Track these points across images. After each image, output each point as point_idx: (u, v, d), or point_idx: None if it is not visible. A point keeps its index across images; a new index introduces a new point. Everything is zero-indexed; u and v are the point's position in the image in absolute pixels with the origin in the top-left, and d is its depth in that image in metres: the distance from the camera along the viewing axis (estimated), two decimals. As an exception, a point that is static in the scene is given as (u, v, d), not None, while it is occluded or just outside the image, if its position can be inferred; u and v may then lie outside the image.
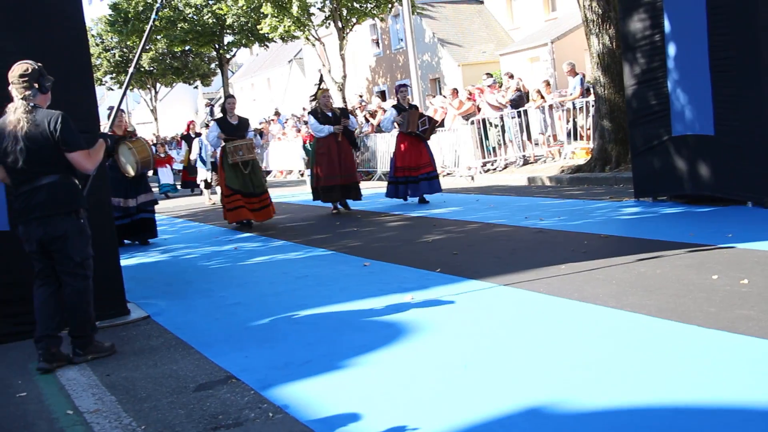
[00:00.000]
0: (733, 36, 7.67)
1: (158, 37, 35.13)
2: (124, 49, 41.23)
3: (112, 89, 45.41)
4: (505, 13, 33.36)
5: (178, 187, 22.18)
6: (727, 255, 5.90)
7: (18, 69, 4.65)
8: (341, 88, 28.26)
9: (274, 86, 47.09)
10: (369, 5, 28.23)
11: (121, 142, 9.74)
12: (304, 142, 16.36)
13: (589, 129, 14.55)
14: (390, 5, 28.53)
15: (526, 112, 15.67)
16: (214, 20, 34.44)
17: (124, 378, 4.51)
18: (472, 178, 15.65)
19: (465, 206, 10.96)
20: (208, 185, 16.36)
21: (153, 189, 11.28)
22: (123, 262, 6.62)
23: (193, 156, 17.22)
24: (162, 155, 20.70)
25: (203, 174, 16.57)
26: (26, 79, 4.63)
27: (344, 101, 27.40)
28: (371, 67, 37.54)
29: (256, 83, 50.89)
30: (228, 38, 37.13)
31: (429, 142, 12.25)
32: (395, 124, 11.89)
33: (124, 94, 5.03)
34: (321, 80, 12.32)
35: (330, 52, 29.71)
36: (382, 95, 25.21)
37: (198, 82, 46.34)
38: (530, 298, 5.34)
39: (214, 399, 3.97)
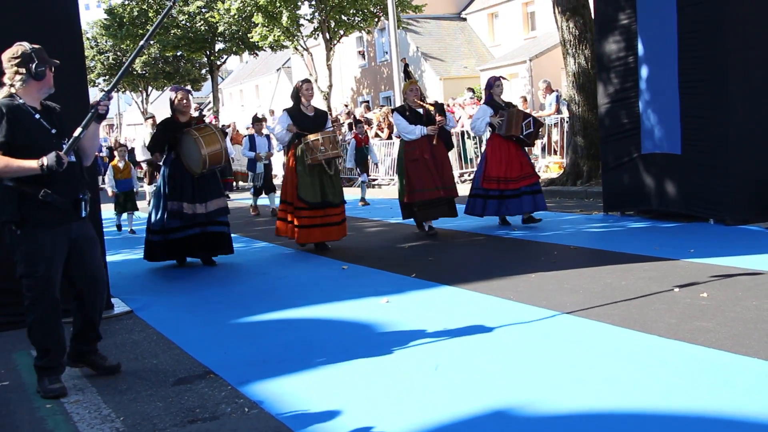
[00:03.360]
0: (702, 60, 7.95)
1: (151, 42, 35.18)
2: (118, 53, 41.24)
3: (104, 91, 45.38)
4: (486, 31, 33.82)
5: None
6: (689, 269, 6.10)
7: (9, 51, 4.13)
8: (327, 97, 28.57)
9: (262, 93, 47.20)
10: (356, 18, 28.56)
11: (184, 130, 7.74)
12: (359, 145, 13.91)
13: (562, 144, 14.84)
14: (376, 19, 28.85)
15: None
16: (206, 27, 34.60)
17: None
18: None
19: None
20: (258, 191, 13.50)
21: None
22: (108, 258, 6.70)
23: (243, 154, 14.16)
24: None
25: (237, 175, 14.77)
26: (16, 62, 4.09)
27: (329, 110, 27.60)
28: (356, 78, 37.79)
29: (244, 90, 51.10)
30: (219, 45, 37.27)
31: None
32: (489, 125, 9.22)
33: (119, 81, 4.54)
34: (407, 69, 9.61)
35: (317, 63, 30.02)
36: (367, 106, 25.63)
37: (188, 87, 46.26)
38: (500, 305, 5.50)
39: (192, 393, 4.07)
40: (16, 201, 4.05)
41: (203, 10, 34.09)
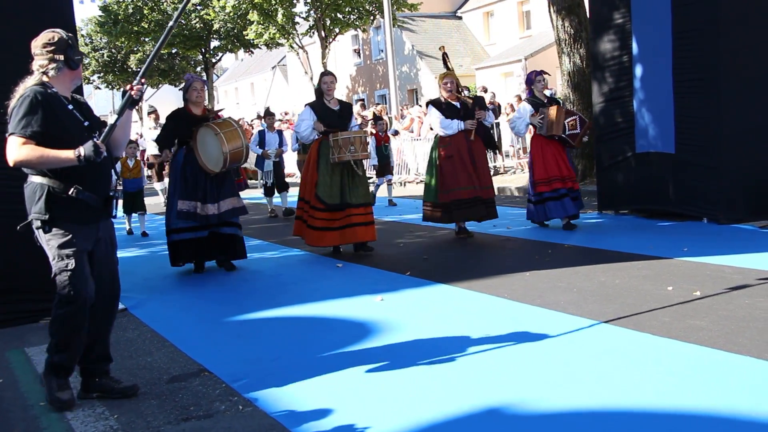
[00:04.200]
0: (697, 60, 7.98)
1: (146, 39, 35.20)
2: (113, 50, 41.21)
3: (99, 88, 45.45)
4: (481, 29, 33.87)
5: None
6: (682, 267, 6.13)
7: (42, 38, 3.85)
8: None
9: (257, 91, 47.21)
10: (352, 17, 28.61)
11: (202, 124, 7.12)
12: (378, 144, 12.80)
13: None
14: (372, 17, 28.89)
15: (498, 124, 15.98)
16: (202, 25, 34.61)
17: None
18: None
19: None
20: (269, 191, 12.45)
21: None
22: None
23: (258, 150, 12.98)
24: None
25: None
26: (51, 48, 3.83)
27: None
28: (352, 76, 37.80)
29: (240, 87, 51.10)
30: (214, 43, 37.28)
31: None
32: (531, 124, 8.59)
33: (144, 73, 3.99)
34: (445, 58, 8.71)
35: (313, 60, 30.05)
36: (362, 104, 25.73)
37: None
38: (495, 303, 5.51)
39: (186, 391, 4.08)
40: (45, 199, 3.80)
41: (198, 7, 34.10)
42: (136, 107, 4.09)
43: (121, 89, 3.96)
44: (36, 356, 4.92)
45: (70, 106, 3.89)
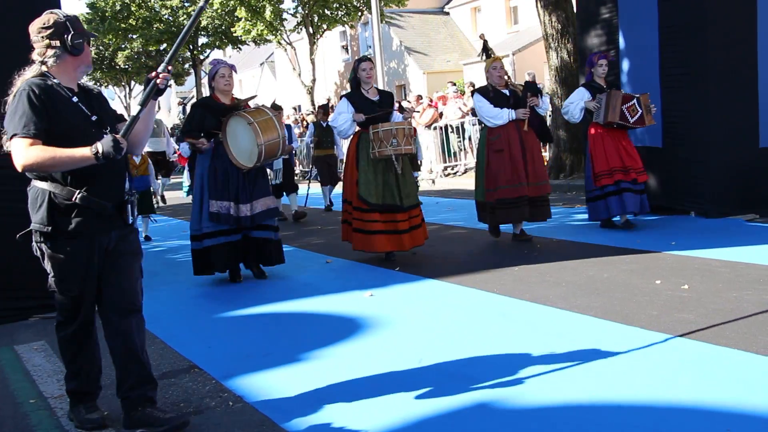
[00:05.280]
0: (683, 54, 8.02)
1: (134, 36, 35.04)
2: (101, 47, 41.01)
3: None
4: (469, 25, 33.86)
5: None
6: (670, 261, 6.16)
7: (38, 21, 3.39)
8: (310, 91, 28.64)
9: (245, 88, 47.02)
10: (339, 13, 28.57)
11: (233, 113, 6.34)
12: None
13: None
14: (359, 13, 28.85)
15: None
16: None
17: (89, 366, 4.58)
18: (433, 182, 15.90)
19: (425, 208, 10.69)
20: (277, 190, 10.79)
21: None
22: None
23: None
24: None
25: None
26: (47, 33, 3.34)
27: (313, 104, 27.59)
28: (340, 72, 37.72)
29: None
30: (202, 39, 37.11)
31: None
32: (585, 110, 7.86)
33: (173, 56, 3.48)
34: (486, 45, 7.94)
35: (300, 57, 30.00)
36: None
37: (171, 82, 46.03)
38: (484, 298, 5.53)
39: (176, 387, 4.08)
40: (47, 207, 3.32)
41: (186, 4, 33.95)
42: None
43: (147, 77, 3.41)
44: (25, 354, 4.91)
45: (75, 99, 3.41)
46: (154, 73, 3.39)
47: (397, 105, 7.45)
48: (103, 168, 3.32)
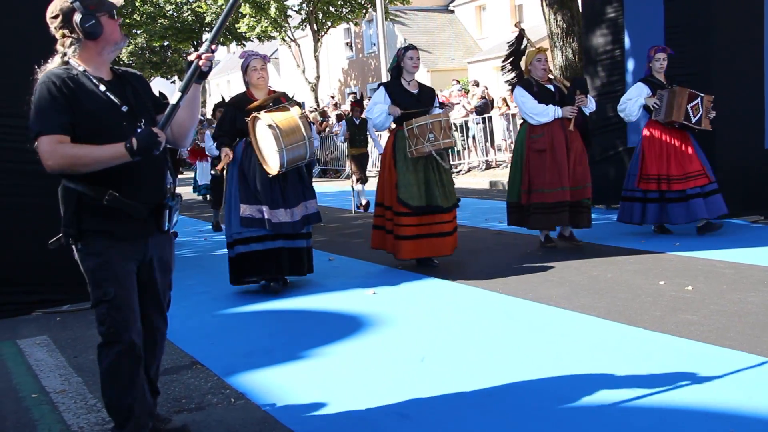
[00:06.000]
0: (689, 54, 8.00)
1: (138, 32, 35.04)
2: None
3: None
4: (474, 23, 33.87)
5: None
6: (674, 262, 6.15)
7: (48, 10, 3.03)
8: (314, 88, 28.63)
9: (233, 89, 47.17)
10: (344, 10, 28.57)
11: (255, 112, 5.79)
12: None
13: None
14: (364, 11, 28.84)
15: (490, 118, 16.03)
16: (194, 17, 34.48)
17: (91, 360, 4.52)
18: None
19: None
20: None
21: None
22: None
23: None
24: (201, 144, 14.42)
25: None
26: (58, 23, 2.99)
27: (317, 101, 27.62)
28: (344, 70, 37.77)
29: (232, 80, 50.90)
30: (206, 35, 37.18)
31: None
32: (645, 108, 7.23)
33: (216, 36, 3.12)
34: (523, 34, 7.38)
35: (305, 54, 30.02)
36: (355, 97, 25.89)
37: (175, 77, 46.07)
38: (487, 297, 5.52)
39: (178, 383, 4.07)
40: (75, 208, 2.97)
41: (190, 0, 33.93)
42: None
43: (188, 59, 3.06)
44: (28, 348, 4.92)
45: (103, 88, 3.00)
46: (195, 55, 3.02)
47: (438, 101, 6.94)
48: (139, 165, 2.94)
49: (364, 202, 11.54)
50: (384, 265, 6.88)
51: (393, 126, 6.61)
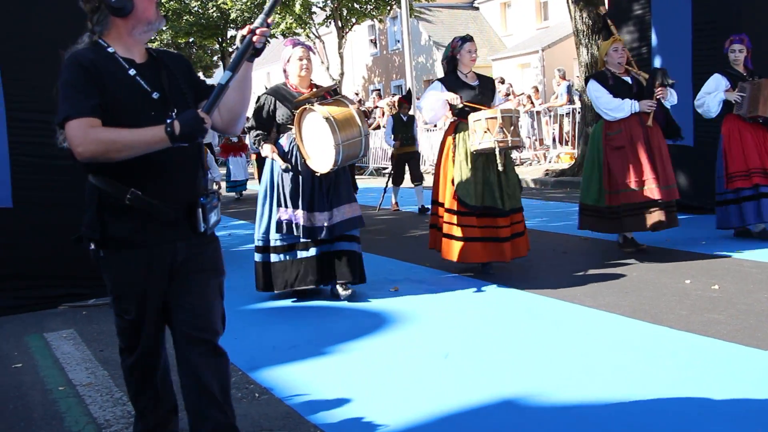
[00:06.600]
0: (716, 51, 7.88)
1: (163, 28, 35.38)
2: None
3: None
4: (498, 20, 33.70)
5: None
6: (700, 261, 6.09)
7: None
8: (338, 85, 28.72)
9: (273, 80, 47.21)
10: (369, 6, 28.58)
11: (305, 105, 5.31)
12: None
13: (574, 135, 14.83)
14: (389, 7, 28.83)
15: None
16: (219, 14, 34.68)
17: (117, 354, 4.61)
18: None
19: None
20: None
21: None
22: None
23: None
24: (233, 139, 13.71)
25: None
26: (84, 1, 2.68)
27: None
28: (368, 67, 37.78)
29: (255, 77, 50.44)
30: (231, 32, 37.31)
31: None
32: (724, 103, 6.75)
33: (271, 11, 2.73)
34: (607, 22, 7.00)
35: (329, 50, 30.08)
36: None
37: (200, 74, 46.50)
38: (511, 294, 5.51)
39: (202, 377, 4.12)
40: (96, 208, 2.65)
41: (215, -4, 34.15)
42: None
43: (241, 34, 2.69)
44: (54, 341, 4.98)
45: (132, 71, 2.67)
46: (248, 29, 2.67)
47: (501, 90, 6.53)
48: (168, 158, 2.62)
49: (422, 204, 10.48)
50: (407, 262, 6.88)
51: (452, 118, 6.19)
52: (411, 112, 11.17)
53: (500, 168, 5.85)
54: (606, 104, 6.38)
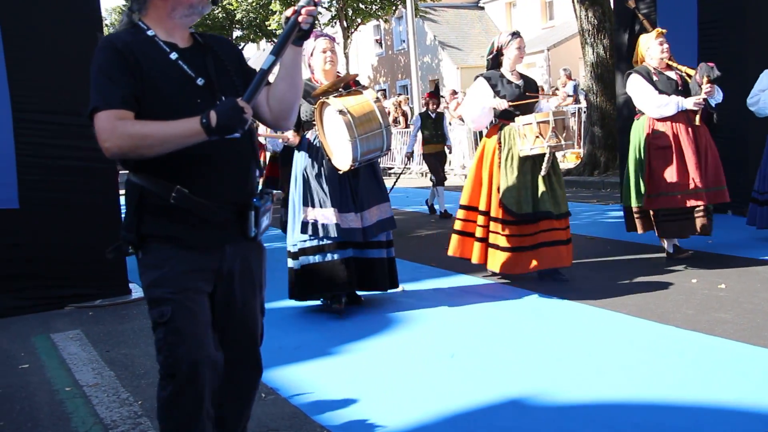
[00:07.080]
0: (722, 50, 7.88)
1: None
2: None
3: None
4: (504, 20, 33.67)
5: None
6: (707, 260, 6.07)
7: None
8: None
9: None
10: (374, 6, 28.61)
11: (323, 99, 4.99)
12: None
13: (579, 134, 14.80)
14: (394, 7, 28.86)
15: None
16: (224, 15, 34.76)
17: (123, 354, 4.64)
18: (466, 177, 15.78)
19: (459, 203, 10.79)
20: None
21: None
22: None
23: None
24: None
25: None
26: None
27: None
28: (373, 66, 37.79)
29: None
30: (236, 33, 37.42)
31: None
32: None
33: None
34: (637, 13, 6.61)
35: (334, 50, 30.16)
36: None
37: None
38: (518, 294, 5.50)
39: (209, 378, 4.13)
40: (136, 208, 2.39)
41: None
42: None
43: (285, 15, 2.41)
44: (61, 342, 4.99)
45: (174, 55, 2.39)
46: (292, 10, 2.39)
47: (545, 91, 5.94)
48: (217, 153, 2.36)
49: (443, 208, 10.12)
50: (414, 262, 6.88)
51: (494, 120, 5.81)
52: (440, 109, 10.57)
53: (544, 173, 5.53)
54: (652, 101, 5.91)
